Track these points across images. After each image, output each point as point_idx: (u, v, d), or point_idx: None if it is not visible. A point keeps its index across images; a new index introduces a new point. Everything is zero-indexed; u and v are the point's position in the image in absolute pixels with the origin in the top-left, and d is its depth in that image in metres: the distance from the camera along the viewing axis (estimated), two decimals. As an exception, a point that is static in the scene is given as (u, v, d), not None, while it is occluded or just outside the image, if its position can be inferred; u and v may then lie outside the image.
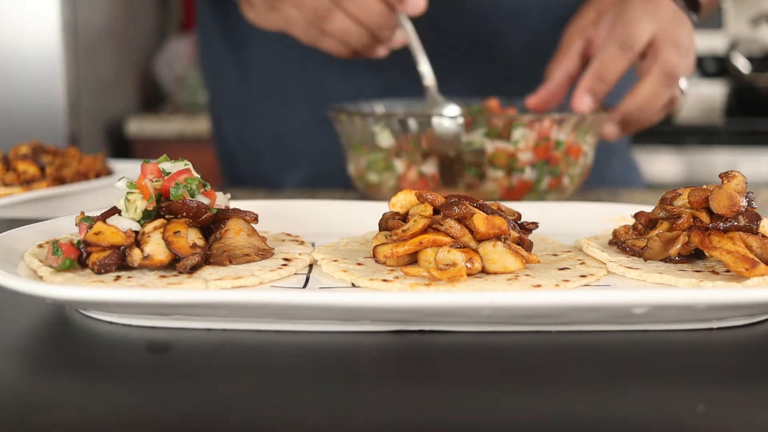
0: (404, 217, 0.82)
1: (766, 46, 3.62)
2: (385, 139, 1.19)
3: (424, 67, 1.25)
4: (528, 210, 0.95)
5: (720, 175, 0.79)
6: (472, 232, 0.78)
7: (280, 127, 1.57)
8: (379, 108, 1.37)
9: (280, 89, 1.54)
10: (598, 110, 1.22)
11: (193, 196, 0.80)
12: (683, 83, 1.25)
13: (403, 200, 0.83)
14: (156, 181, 0.80)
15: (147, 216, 0.79)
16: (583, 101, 1.21)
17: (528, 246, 0.82)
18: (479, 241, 0.77)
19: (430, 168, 1.17)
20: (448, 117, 1.16)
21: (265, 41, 1.52)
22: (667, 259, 0.81)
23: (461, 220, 0.78)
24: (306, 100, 1.52)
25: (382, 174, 1.21)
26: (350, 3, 1.13)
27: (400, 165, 1.19)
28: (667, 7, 1.24)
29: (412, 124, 1.16)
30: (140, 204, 0.78)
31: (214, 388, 0.57)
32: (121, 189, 0.80)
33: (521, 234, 0.81)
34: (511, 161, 1.16)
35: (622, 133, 1.27)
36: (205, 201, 0.81)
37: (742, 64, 3.46)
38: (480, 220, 0.77)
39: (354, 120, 1.21)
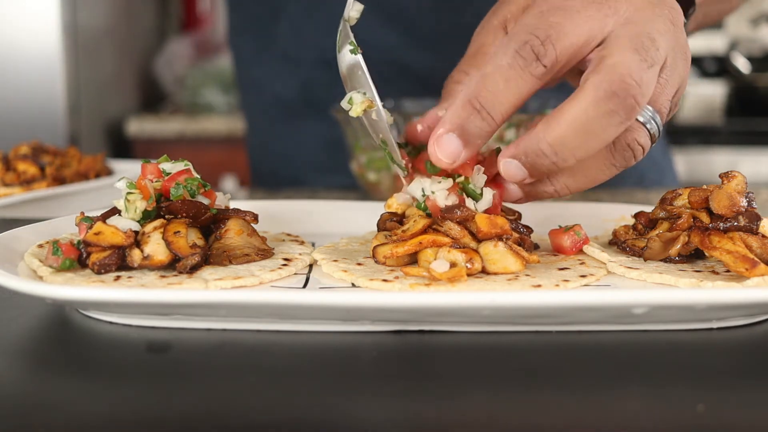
0: (401, 218, 0.82)
1: (766, 46, 3.62)
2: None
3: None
4: (529, 209, 0.95)
5: (720, 175, 0.79)
6: (471, 233, 0.78)
7: (288, 150, 1.61)
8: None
9: (286, 111, 1.57)
10: None
11: (193, 196, 0.80)
12: (653, 121, 0.75)
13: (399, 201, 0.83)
14: (156, 181, 0.80)
15: (147, 216, 0.79)
16: (441, 150, 0.74)
17: (529, 246, 0.82)
18: (480, 240, 0.77)
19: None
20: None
21: (269, 63, 1.56)
22: (667, 259, 0.81)
23: (462, 222, 0.78)
24: (311, 122, 1.55)
25: (380, 173, 1.22)
26: None
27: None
28: None
29: (406, 123, 1.16)
30: (140, 204, 0.78)
31: (214, 388, 0.57)
32: (121, 189, 0.80)
33: (522, 234, 0.81)
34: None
35: (528, 197, 0.80)
36: (205, 201, 0.81)
37: (742, 64, 3.46)
38: (482, 220, 0.77)
39: (352, 119, 1.22)
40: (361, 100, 0.79)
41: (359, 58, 0.80)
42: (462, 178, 0.79)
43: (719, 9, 1.18)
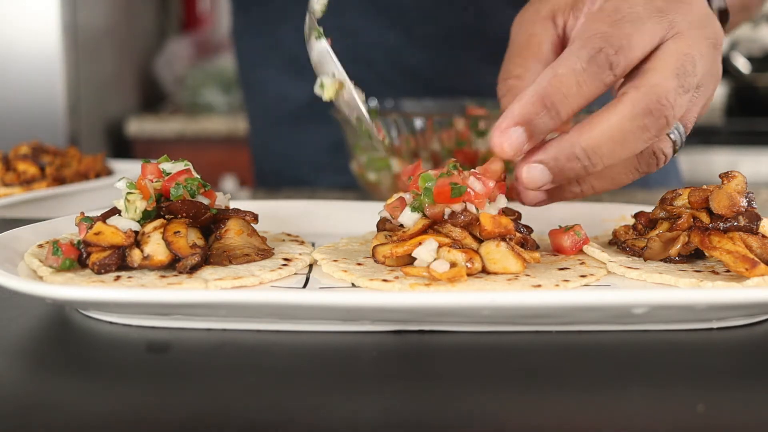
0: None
1: (766, 46, 3.62)
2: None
3: None
4: (529, 209, 0.95)
5: (720, 175, 0.79)
6: (473, 235, 0.78)
7: (293, 152, 1.61)
8: (381, 107, 1.38)
9: (290, 113, 1.58)
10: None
11: (193, 196, 0.80)
12: (677, 132, 0.81)
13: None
14: (156, 181, 0.80)
15: (147, 216, 0.79)
16: (508, 142, 0.75)
17: (532, 245, 0.82)
18: (483, 239, 0.77)
19: (425, 167, 1.17)
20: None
21: (273, 66, 1.57)
22: (667, 259, 0.81)
23: (466, 227, 0.78)
24: (315, 124, 1.55)
25: (380, 173, 1.21)
26: None
27: (396, 164, 1.19)
28: (696, 2, 0.79)
29: (406, 123, 1.16)
30: (140, 204, 0.78)
31: (214, 388, 0.57)
32: (121, 189, 0.80)
33: (524, 234, 0.81)
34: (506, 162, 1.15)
35: (551, 200, 0.84)
36: (205, 201, 0.81)
37: (742, 64, 3.46)
38: (487, 219, 0.77)
39: (350, 119, 1.21)
40: (332, 82, 0.83)
41: (325, 43, 0.84)
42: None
43: (740, 19, 1.22)
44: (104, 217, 0.79)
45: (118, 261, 0.76)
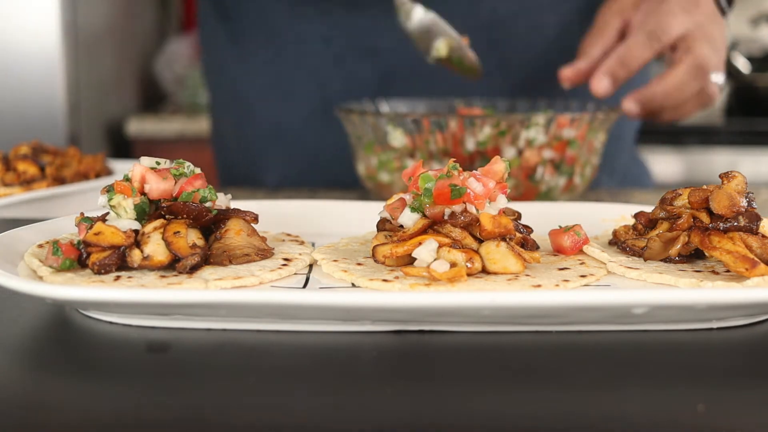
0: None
1: (766, 46, 3.62)
2: (397, 138, 1.18)
3: None
4: (529, 209, 0.95)
5: (720, 176, 0.79)
6: (472, 234, 0.78)
7: (279, 119, 1.59)
8: (383, 107, 1.37)
9: (278, 81, 1.57)
10: (609, 109, 1.21)
11: (204, 202, 0.80)
12: (718, 78, 1.26)
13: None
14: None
15: (141, 211, 0.78)
16: (602, 83, 1.22)
17: (532, 245, 0.82)
18: (483, 240, 0.77)
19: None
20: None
21: (262, 35, 1.55)
22: (667, 259, 0.81)
23: (467, 227, 0.78)
24: (304, 91, 1.54)
25: (394, 174, 1.20)
26: None
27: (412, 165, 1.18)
28: (705, 6, 1.26)
29: (426, 123, 1.15)
30: (126, 203, 0.78)
31: (214, 388, 0.57)
32: (103, 204, 0.79)
33: (524, 234, 0.81)
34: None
35: (643, 117, 1.26)
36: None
37: (742, 64, 3.46)
38: (486, 219, 0.77)
39: (366, 120, 1.20)
40: (445, 42, 1.26)
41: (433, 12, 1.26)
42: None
43: None
44: (104, 217, 0.79)
45: (118, 261, 0.76)
